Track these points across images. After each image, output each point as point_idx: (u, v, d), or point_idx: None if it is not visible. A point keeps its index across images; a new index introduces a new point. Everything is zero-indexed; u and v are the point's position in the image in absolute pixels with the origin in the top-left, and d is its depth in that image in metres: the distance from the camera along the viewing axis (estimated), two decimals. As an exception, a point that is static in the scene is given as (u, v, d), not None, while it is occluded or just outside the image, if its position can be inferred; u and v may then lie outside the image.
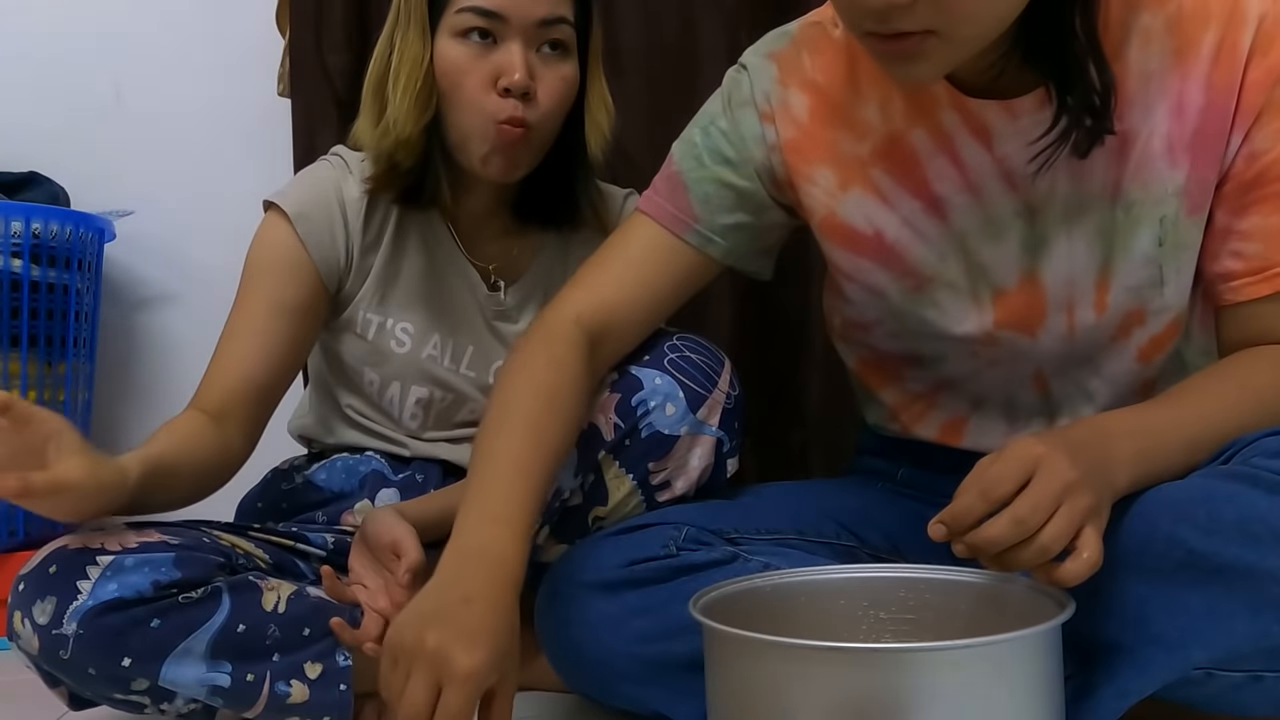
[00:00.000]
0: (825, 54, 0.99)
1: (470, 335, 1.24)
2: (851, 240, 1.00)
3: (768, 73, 1.01)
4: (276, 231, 1.16)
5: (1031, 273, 0.95)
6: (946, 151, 0.94)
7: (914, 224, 0.97)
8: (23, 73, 1.76)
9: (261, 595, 0.98)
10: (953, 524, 0.75)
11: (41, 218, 1.52)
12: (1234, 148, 0.89)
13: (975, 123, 0.92)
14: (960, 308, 0.97)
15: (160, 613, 0.93)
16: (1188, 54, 0.88)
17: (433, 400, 1.23)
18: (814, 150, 0.99)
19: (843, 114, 0.98)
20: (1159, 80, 0.89)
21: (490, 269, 1.24)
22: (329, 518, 1.22)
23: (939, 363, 1.03)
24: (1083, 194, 0.92)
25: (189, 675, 0.94)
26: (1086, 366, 0.98)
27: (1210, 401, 0.87)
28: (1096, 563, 0.72)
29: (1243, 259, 0.90)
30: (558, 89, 1.13)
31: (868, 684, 0.66)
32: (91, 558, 0.92)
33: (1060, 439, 0.77)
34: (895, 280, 0.99)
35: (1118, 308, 0.94)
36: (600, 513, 1.05)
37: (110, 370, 1.76)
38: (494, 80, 1.10)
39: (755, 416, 1.30)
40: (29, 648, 0.92)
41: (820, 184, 0.99)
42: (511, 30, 1.10)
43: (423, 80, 1.12)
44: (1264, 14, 0.86)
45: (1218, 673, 0.78)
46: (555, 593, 0.97)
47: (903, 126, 0.95)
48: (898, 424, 1.11)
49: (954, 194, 0.95)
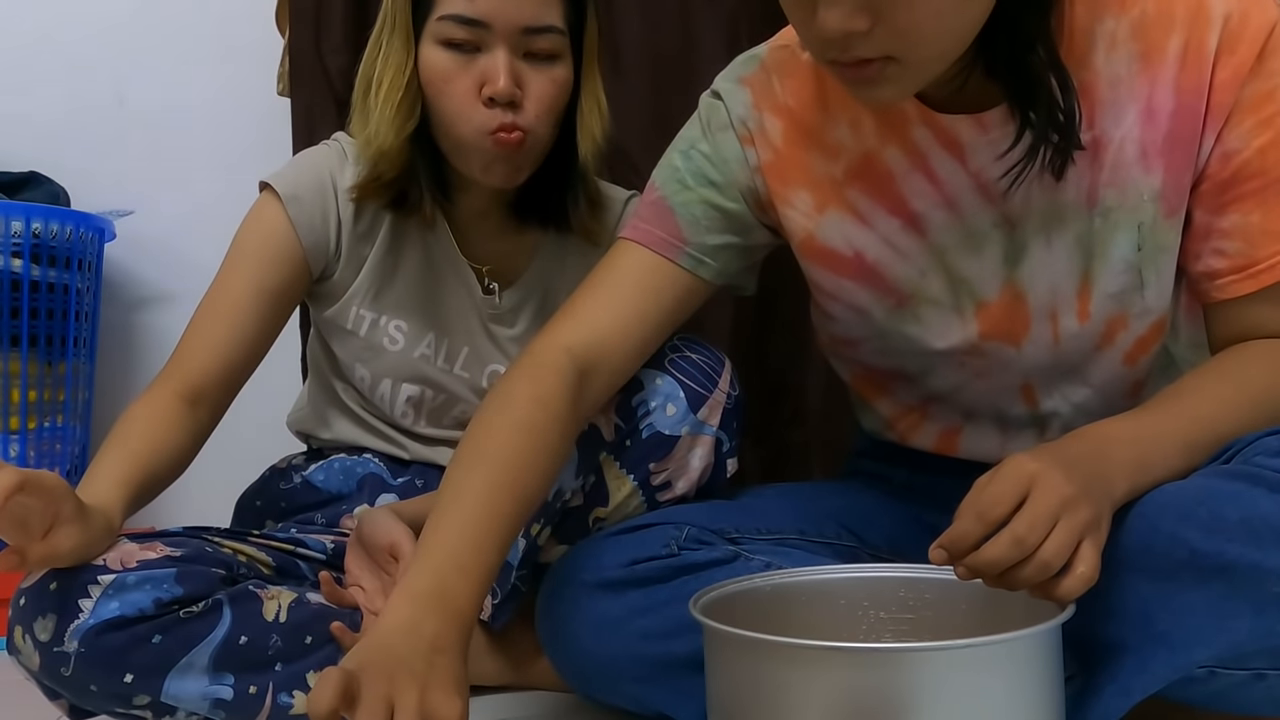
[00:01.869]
0: (795, 77, 0.99)
1: (466, 337, 1.23)
2: (832, 261, 0.99)
3: (742, 97, 1.00)
4: (268, 213, 1.15)
5: (1013, 283, 0.94)
6: (921, 168, 0.94)
7: (893, 242, 0.96)
8: (23, 73, 1.76)
9: (262, 605, 0.98)
10: (952, 548, 0.74)
11: (41, 218, 1.52)
12: (1207, 148, 0.88)
13: (946, 137, 0.92)
14: (944, 322, 0.97)
15: (162, 629, 0.92)
16: (1154, 58, 0.88)
17: (424, 399, 1.23)
18: (790, 173, 0.98)
19: (814, 136, 0.97)
20: (1127, 85, 0.88)
21: (485, 270, 1.23)
22: (327, 520, 1.21)
23: (926, 376, 1.03)
24: (1059, 203, 0.91)
25: (191, 689, 0.94)
26: (1073, 375, 0.98)
27: (1206, 403, 0.86)
28: (1091, 579, 0.72)
29: (1226, 257, 0.90)
30: (548, 93, 1.11)
31: (868, 684, 0.65)
32: (93, 576, 0.91)
33: (1055, 453, 0.77)
34: (878, 299, 0.99)
35: (1100, 314, 0.94)
36: (601, 513, 1.05)
37: (110, 370, 1.76)
38: (479, 89, 1.08)
39: (755, 416, 1.31)
40: (29, 664, 0.92)
41: (798, 207, 0.99)
42: (495, 37, 1.08)
43: (404, 90, 1.11)
44: (1229, 13, 0.86)
45: (1221, 671, 0.78)
46: (556, 592, 0.97)
47: (875, 145, 0.95)
48: (894, 433, 1.11)
49: (931, 209, 0.94)
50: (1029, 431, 1.02)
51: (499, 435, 0.87)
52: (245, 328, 1.12)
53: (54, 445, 1.58)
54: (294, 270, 1.15)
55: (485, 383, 1.24)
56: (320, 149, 1.21)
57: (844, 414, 1.28)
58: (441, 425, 1.25)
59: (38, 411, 1.55)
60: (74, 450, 1.62)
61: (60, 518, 0.87)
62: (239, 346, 1.11)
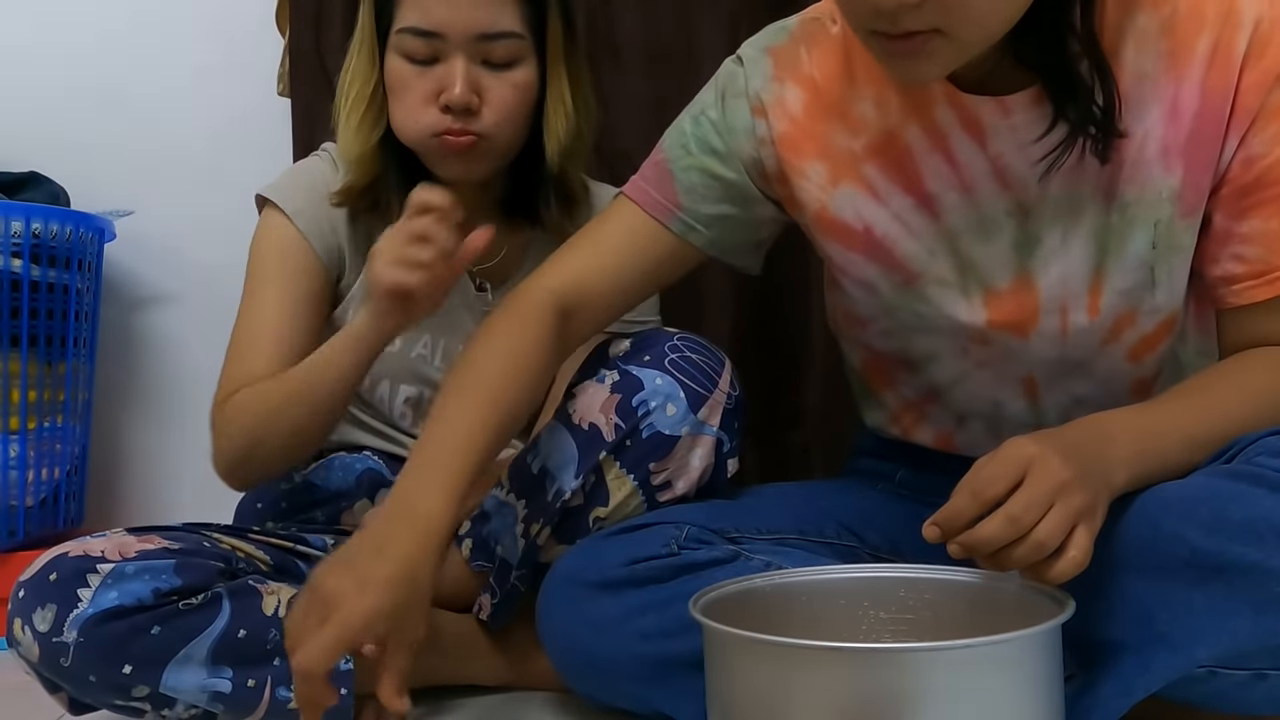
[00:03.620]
0: (822, 49, 0.99)
1: (462, 337, 1.23)
2: (842, 234, 0.99)
3: (762, 68, 1.01)
4: (278, 227, 1.17)
5: (1024, 273, 0.94)
6: (941, 149, 0.94)
7: (904, 219, 0.96)
8: (23, 73, 1.76)
9: (262, 600, 0.98)
10: (945, 525, 0.75)
11: (41, 218, 1.52)
12: (1229, 152, 0.88)
13: (969, 118, 0.92)
14: (950, 302, 0.97)
15: (161, 620, 0.93)
16: (1182, 57, 0.88)
17: (422, 399, 1.23)
18: (806, 144, 0.99)
19: (837, 109, 0.98)
20: (1153, 83, 0.88)
21: (478, 270, 1.24)
22: (327, 517, 1.22)
23: (929, 364, 1.03)
24: (1076, 195, 0.91)
25: (190, 681, 0.94)
26: (1077, 372, 0.98)
27: (1210, 401, 0.86)
28: (1082, 563, 0.73)
29: (1244, 262, 0.90)
30: (508, 98, 1.13)
31: (868, 684, 0.65)
32: (92, 565, 0.92)
33: (1055, 439, 0.77)
34: (885, 274, 0.99)
35: (1110, 310, 0.94)
36: (601, 514, 1.05)
37: (110, 370, 1.76)
38: (436, 95, 1.11)
39: (755, 416, 1.30)
40: (29, 655, 0.92)
41: (812, 178, 0.99)
42: (451, 46, 1.10)
43: (369, 101, 1.14)
44: (1259, 17, 0.86)
45: (1221, 671, 0.78)
46: (556, 592, 0.97)
47: (898, 123, 0.95)
48: (898, 427, 1.11)
49: (946, 191, 0.95)
50: (1025, 431, 1.01)
51: (485, 362, 0.94)
52: (289, 344, 1.11)
53: (54, 445, 1.58)
54: (320, 277, 1.17)
55: None
56: (311, 160, 1.23)
57: (844, 414, 1.28)
58: None
59: (38, 411, 1.55)
60: (74, 450, 1.62)
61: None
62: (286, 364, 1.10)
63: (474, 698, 1.13)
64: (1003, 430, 1.02)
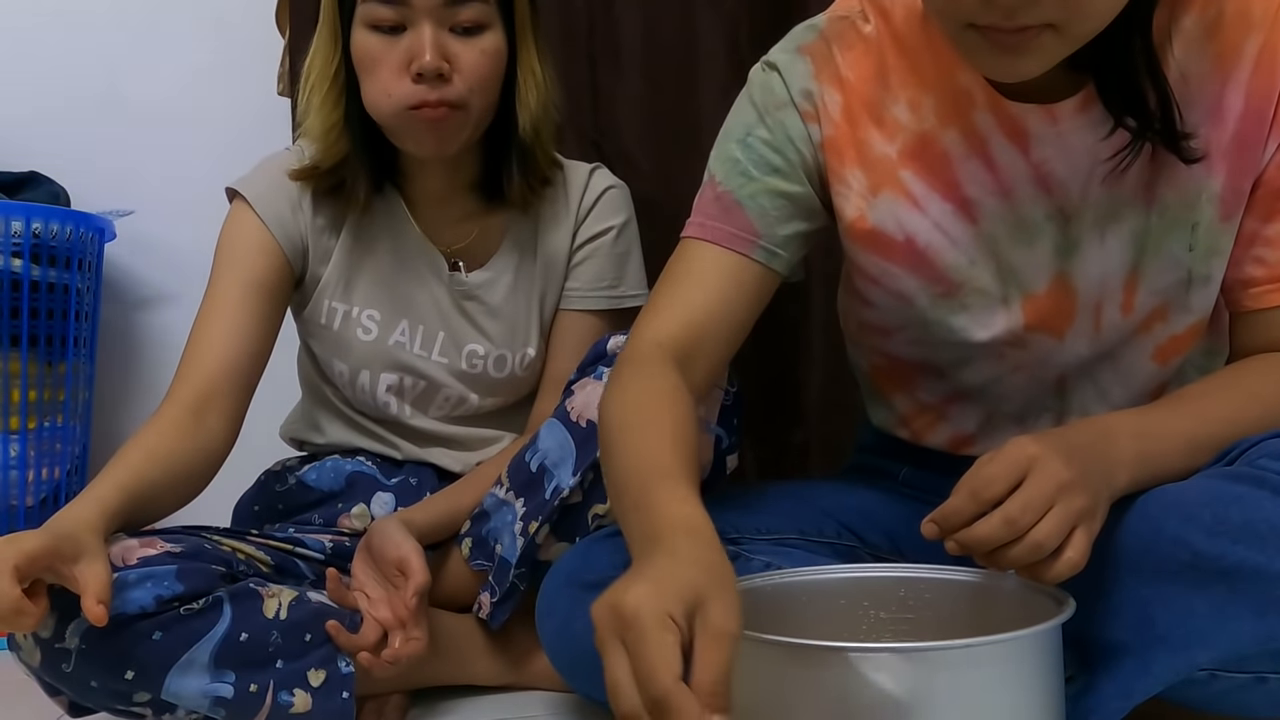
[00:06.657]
0: (855, 50, 0.96)
1: (440, 321, 1.24)
2: (881, 245, 0.97)
3: (802, 68, 0.97)
4: (239, 216, 1.19)
5: (1063, 276, 0.93)
6: (979, 154, 0.92)
7: (944, 228, 0.94)
8: (23, 73, 1.76)
9: (262, 603, 0.98)
10: (943, 523, 0.75)
11: (41, 218, 1.52)
12: (1269, 154, 0.87)
13: (1012, 126, 0.90)
14: (989, 312, 0.95)
15: (162, 625, 0.93)
16: (1228, 59, 0.87)
17: (404, 386, 1.23)
18: (847, 150, 0.96)
19: (873, 112, 0.95)
20: (1197, 84, 0.87)
21: (454, 251, 1.24)
22: (324, 519, 1.22)
23: (959, 369, 1.01)
24: (1117, 197, 0.90)
25: (192, 687, 0.94)
26: (1105, 364, 0.97)
27: (1214, 405, 0.86)
28: (1079, 564, 0.72)
29: (1265, 265, 0.90)
30: (479, 64, 1.12)
31: (868, 684, 0.65)
32: None
33: (1057, 440, 0.77)
34: (924, 286, 0.96)
35: (1143, 308, 0.93)
36: (600, 510, 1.05)
37: (110, 370, 1.76)
38: (406, 65, 1.10)
39: (755, 416, 1.30)
40: (30, 660, 0.92)
41: (853, 186, 0.96)
42: (418, 14, 1.09)
43: (331, 80, 1.14)
44: None
45: (1222, 674, 0.78)
46: (556, 591, 0.97)
47: (934, 127, 0.93)
48: (907, 431, 1.09)
49: (985, 197, 0.93)
50: (1052, 427, 1.00)
51: (631, 410, 0.84)
52: (240, 325, 1.13)
53: (54, 445, 1.58)
54: (276, 263, 1.17)
55: (464, 364, 1.24)
56: (281, 152, 1.24)
57: (844, 413, 1.27)
58: (429, 414, 1.25)
59: (38, 411, 1.55)
60: (74, 450, 1.62)
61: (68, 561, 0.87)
62: (236, 345, 1.12)
63: (474, 698, 1.13)
64: (1030, 429, 1.01)
